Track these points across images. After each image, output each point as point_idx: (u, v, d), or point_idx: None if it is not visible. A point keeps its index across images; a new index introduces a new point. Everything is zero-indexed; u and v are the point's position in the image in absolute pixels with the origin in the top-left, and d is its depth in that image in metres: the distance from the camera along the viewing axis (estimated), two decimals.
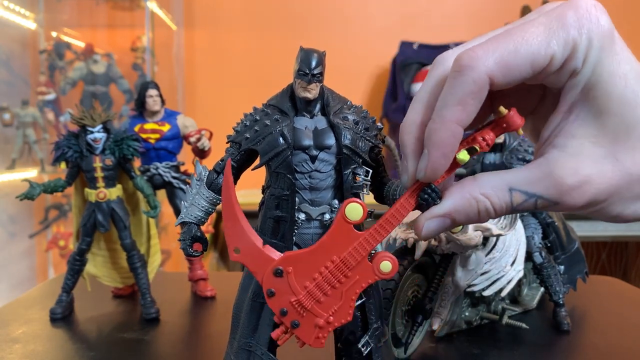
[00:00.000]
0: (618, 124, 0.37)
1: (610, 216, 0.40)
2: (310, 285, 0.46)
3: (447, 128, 0.38)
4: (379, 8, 2.65)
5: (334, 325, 0.46)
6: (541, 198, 0.39)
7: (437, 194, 0.42)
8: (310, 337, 0.46)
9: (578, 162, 0.38)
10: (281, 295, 0.46)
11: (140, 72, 2.48)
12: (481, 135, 0.41)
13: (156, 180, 1.07)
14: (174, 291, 1.10)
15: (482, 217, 0.41)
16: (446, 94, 0.38)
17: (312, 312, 0.46)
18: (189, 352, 0.79)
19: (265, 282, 0.46)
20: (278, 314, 0.46)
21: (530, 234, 0.87)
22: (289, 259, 0.46)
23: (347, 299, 0.46)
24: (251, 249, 0.47)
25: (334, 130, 0.50)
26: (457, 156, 0.41)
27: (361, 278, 0.46)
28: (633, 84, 0.37)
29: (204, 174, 0.54)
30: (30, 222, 2.57)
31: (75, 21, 2.60)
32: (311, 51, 0.50)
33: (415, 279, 0.76)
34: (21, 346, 0.80)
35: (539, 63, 0.37)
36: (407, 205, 0.43)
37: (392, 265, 0.45)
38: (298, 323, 0.46)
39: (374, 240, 0.44)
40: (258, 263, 0.47)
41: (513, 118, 0.39)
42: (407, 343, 0.74)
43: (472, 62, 0.37)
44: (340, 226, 0.45)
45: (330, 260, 0.45)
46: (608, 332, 0.86)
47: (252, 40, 2.67)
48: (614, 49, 0.37)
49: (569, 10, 0.37)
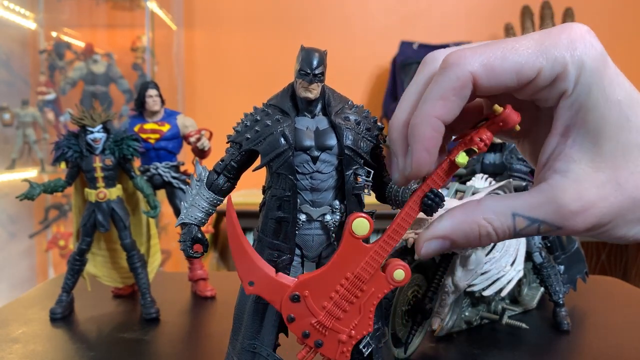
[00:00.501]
0: (615, 148, 0.38)
1: (614, 238, 0.40)
2: (328, 304, 0.46)
3: (427, 122, 0.39)
4: (379, 8, 2.64)
5: (356, 339, 0.47)
6: (544, 223, 0.39)
7: (441, 198, 0.42)
8: (335, 353, 0.47)
9: (581, 188, 0.38)
10: (301, 319, 0.47)
11: (140, 72, 2.48)
12: (478, 135, 0.40)
13: (156, 180, 1.07)
14: (174, 291, 1.10)
15: (483, 241, 0.41)
16: (430, 89, 0.39)
17: (333, 330, 0.47)
18: (189, 352, 0.79)
19: (283, 309, 0.47)
20: (300, 337, 0.47)
21: None
22: (304, 284, 0.46)
23: (366, 312, 0.47)
24: (265, 280, 0.47)
25: (335, 130, 0.50)
26: (456, 159, 0.41)
27: (377, 290, 0.46)
28: (627, 109, 0.37)
29: (204, 175, 0.54)
30: (30, 222, 2.57)
31: (75, 21, 2.60)
32: (312, 50, 0.50)
33: (415, 279, 0.76)
34: (21, 346, 0.80)
35: (525, 74, 0.37)
36: (412, 212, 0.43)
37: (405, 273, 0.46)
38: (321, 342, 0.47)
39: (384, 252, 0.45)
40: (274, 292, 0.47)
41: (509, 115, 0.39)
42: (407, 343, 0.74)
43: (458, 60, 0.38)
44: (348, 242, 0.45)
45: (345, 278, 0.46)
46: (608, 332, 0.86)
47: (252, 40, 2.67)
48: (607, 73, 0.38)
49: (563, 33, 0.38)
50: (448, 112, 0.38)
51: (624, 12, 2.52)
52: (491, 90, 0.38)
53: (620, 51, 2.35)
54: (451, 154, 0.41)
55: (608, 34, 2.44)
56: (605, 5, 2.53)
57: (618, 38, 2.45)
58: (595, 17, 2.46)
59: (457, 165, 0.41)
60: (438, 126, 0.39)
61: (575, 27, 0.38)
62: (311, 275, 0.47)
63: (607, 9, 2.53)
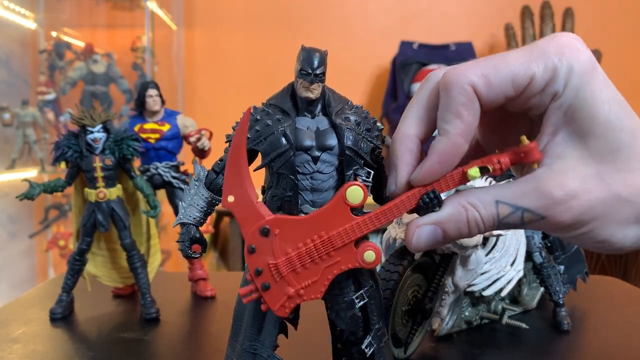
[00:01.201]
0: (603, 146, 0.38)
1: (598, 240, 0.40)
2: (292, 253, 0.45)
3: (449, 140, 0.40)
4: (379, 8, 2.64)
5: (302, 299, 0.46)
6: (527, 211, 0.40)
7: (439, 201, 0.42)
8: (277, 304, 0.46)
9: (565, 178, 0.39)
10: (261, 255, 0.46)
11: (140, 72, 2.48)
12: (497, 157, 0.41)
13: (156, 180, 1.07)
14: (174, 291, 1.10)
15: (472, 228, 0.42)
16: (442, 111, 0.41)
17: (285, 280, 0.46)
18: (189, 352, 0.79)
19: (249, 237, 0.46)
20: (252, 272, 0.46)
21: (530, 234, 0.87)
22: (278, 221, 0.46)
23: (323, 277, 0.46)
24: (245, 201, 0.46)
25: (336, 131, 0.50)
26: (468, 172, 0.41)
27: (342, 260, 0.45)
28: (616, 109, 0.38)
29: (202, 174, 0.54)
30: (30, 222, 2.57)
31: (75, 21, 2.60)
32: (313, 50, 0.50)
33: (415, 279, 0.76)
34: (21, 346, 0.80)
35: (519, 81, 0.39)
36: (408, 203, 0.43)
37: (376, 257, 0.46)
38: (268, 286, 0.46)
39: (365, 228, 0.44)
40: (248, 216, 0.46)
41: (532, 151, 0.40)
42: (407, 343, 0.74)
43: (455, 77, 0.40)
44: (337, 205, 0.45)
45: (318, 235, 0.45)
46: (608, 332, 0.86)
47: (252, 40, 2.67)
48: (595, 76, 0.39)
49: (551, 42, 0.40)
50: (467, 128, 0.40)
51: (624, 11, 2.52)
52: (492, 101, 0.40)
53: (620, 51, 2.35)
54: (465, 166, 0.42)
55: (608, 33, 2.44)
56: (605, 5, 2.53)
57: (618, 37, 2.45)
58: (595, 17, 2.46)
59: (467, 178, 0.41)
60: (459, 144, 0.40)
61: (563, 36, 0.40)
62: (288, 217, 0.46)
63: (608, 9, 2.53)
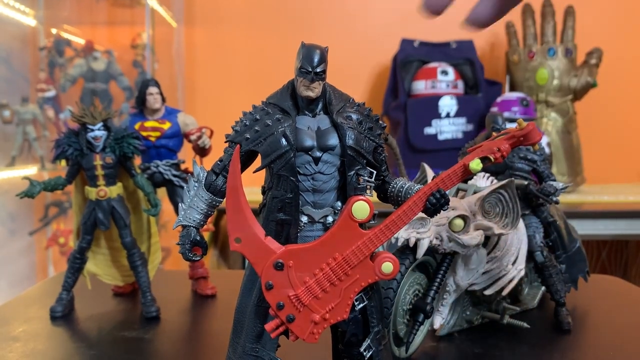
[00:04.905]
0: None
1: None
2: (310, 281, 0.45)
3: None
4: (379, 5, 2.64)
5: (329, 322, 0.46)
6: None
7: (446, 200, 0.42)
8: (305, 332, 0.46)
9: None
10: (279, 289, 0.46)
11: (140, 70, 2.47)
12: (496, 145, 0.40)
13: (156, 178, 1.07)
14: (174, 289, 1.10)
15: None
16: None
17: (309, 308, 0.46)
18: (190, 351, 0.79)
19: (264, 274, 0.46)
20: (274, 307, 0.46)
21: (531, 233, 0.87)
22: (290, 253, 0.46)
23: (346, 297, 0.46)
24: (253, 240, 0.46)
25: (337, 130, 0.49)
26: (470, 165, 0.41)
27: (361, 277, 0.45)
28: None
29: (202, 175, 0.53)
30: (30, 219, 2.56)
31: (75, 18, 2.59)
32: (313, 47, 0.49)
33: (416, 278, 0.76)
34: (21, 344, 0.80)
35: None
36: (415, 208, 0.43)
37: (394, 267, 0.45)
38: (293, 317, 0.46)
39: (378, 241, 0.44)
40: (259, 254, 0.46)
41: (533, 132, 0.39)
42: (408, 342, 0.74)
43: None
44: (345, 224, 0.45)
45: (332, 258, 0.45)
46: (609, 331, 0.86)
47: (253, 37, 2.66)
48: None
49: None
50: None
51: (625, 9, 2.51)
52: None
53: (620, 50, 2.34)
54: (466, 159, 0.41)
55: (609, 31, 2.43)
56: (606, 3, 2.52)
57: (618, 36, 2.44)
58: (596, 15, 2.46)
59: (470, 171, 0.41)
60: None
61: None
62: (299, 247, 0.46)
63: (608, 7, 2.52)
